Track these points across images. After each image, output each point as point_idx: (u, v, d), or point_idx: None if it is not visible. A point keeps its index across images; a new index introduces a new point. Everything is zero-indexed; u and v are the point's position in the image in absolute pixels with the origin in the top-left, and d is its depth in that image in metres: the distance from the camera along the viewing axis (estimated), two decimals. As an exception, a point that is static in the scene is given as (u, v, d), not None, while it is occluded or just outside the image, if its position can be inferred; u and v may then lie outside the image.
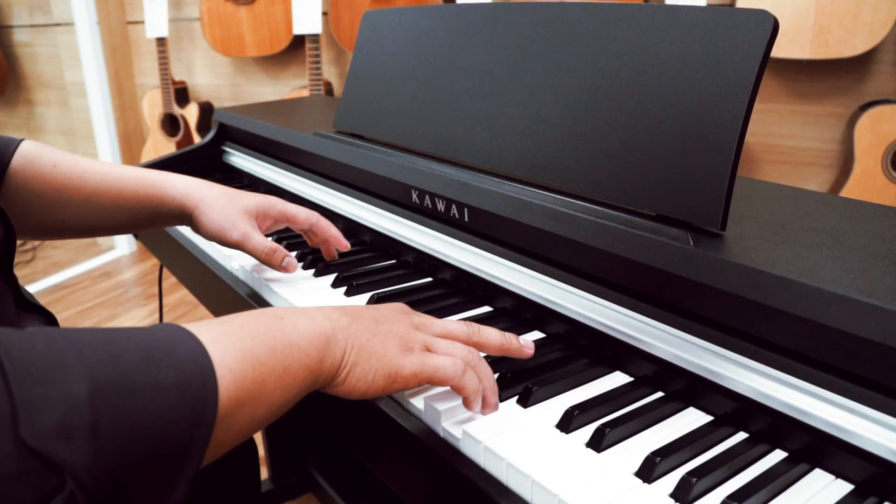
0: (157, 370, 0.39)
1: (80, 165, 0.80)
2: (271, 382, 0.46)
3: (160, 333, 0.42)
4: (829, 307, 0.47)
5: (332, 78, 2.63)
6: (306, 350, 0.49)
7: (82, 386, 0.35)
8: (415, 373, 0.53)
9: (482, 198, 0.75)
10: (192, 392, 0.40)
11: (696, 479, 0.46)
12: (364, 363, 0.52)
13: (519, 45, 0.77)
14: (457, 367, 0.53)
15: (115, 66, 3.08)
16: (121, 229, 0.85)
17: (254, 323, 0.48)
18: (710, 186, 0.58)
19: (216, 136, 1.36)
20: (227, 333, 0.45)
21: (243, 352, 0.45)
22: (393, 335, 0.54)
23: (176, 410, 0.39)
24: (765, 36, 0.57)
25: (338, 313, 0.54)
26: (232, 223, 0.78)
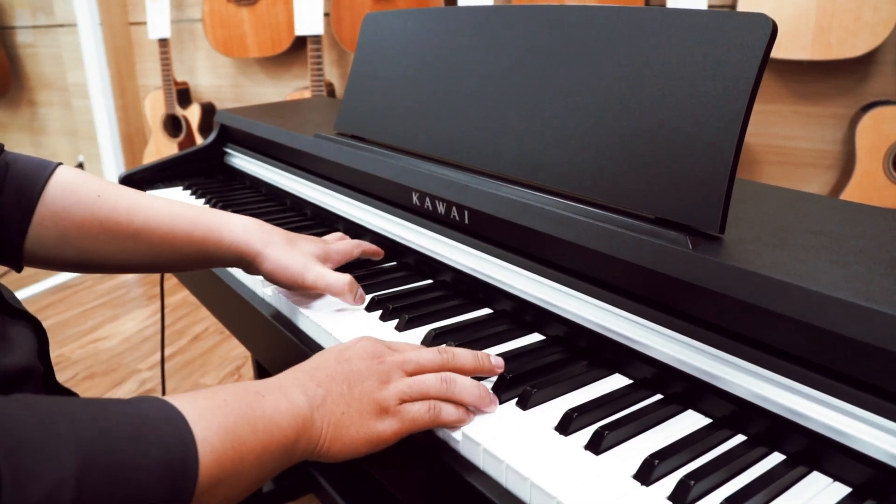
0: (143, 447, 0.40)
1: (125, 198, 0.75)
2: (249, 461, 0.47)
3: (147, 408, 0.44)
4: (827, 311, 0.48)
5: (333, 79, 2.64)
6: (285, 430, 0.50)
7: (70, 460, 0.36)
8: (395, 432, 0.55)
9: (482, 200, 0.75)
10: (173, 470, 0.41)
11: (693, 482, 0.47)
12: (343, 437, 0.53)
13: (519, 47, 0.77)
14: (433, 412, 0.55)
15: (118, 67, 3.09)
16: (168, 268, 0.80)
17: (236, 399, 0.49)
18: (709, 190, 0.58)
19: (218, 138, 1.36)
20: (211, 410, 0.46)
21: (226, 430, 0.46)
22: (367, 400, 0.55)
23: (157, 487, 0.40)
24: (763, 39, 0.57)
25: (313, 384, 0.54)
26: (304, 266, 0.75)
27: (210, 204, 1.15)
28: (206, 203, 1.16)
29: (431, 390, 0.56)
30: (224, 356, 2.23)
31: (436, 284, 0.82)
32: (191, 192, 1.23)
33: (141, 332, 2.40)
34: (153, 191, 1.26)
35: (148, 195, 0.78)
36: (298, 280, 0.74)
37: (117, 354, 2.24)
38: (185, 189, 1.26)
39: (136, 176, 1.28)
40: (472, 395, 0.57)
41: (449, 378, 0.57)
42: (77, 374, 2.11)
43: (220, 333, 2.37)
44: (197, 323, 2.45)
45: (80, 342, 2.33)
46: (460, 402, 0.57)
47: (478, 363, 0.60)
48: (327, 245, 0.80)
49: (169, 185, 1.29)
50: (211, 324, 2.44)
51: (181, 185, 1.28)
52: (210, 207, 0.79)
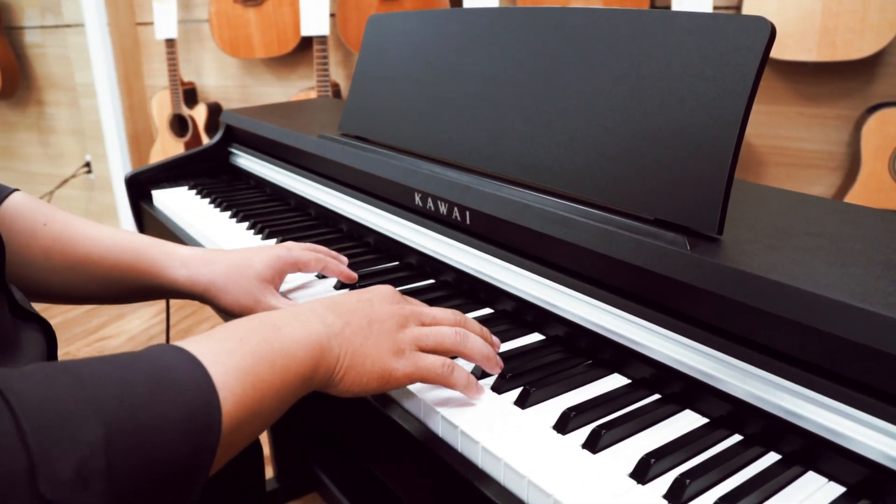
0: (162, 405, 0.40)
1: (71, 227, 0.73)
2: (269, 396, 0.47)
3: (163, 360, 0.43)
4: (823, 312, 0.48)
5: (339, 79, 2.65)
6: (302, 360, 0.50)
7: (96, 430, 0.36)
8: (407, 374, 0.55)
9: (483, 201, 0.76)
10: (196, 424, 0.41)
11: (689, 481, 0.47)
12: (358, 367, 0.53)
13: (522, 49, 0.78)
14: (445, 368, 0.56)
15: (125, 67, 3.11)
16: (110, 300, 0.78)
17: (252, 335, 0.49)
18: (708, 191, 0.59)
19: (223, 138, 1.37)
20: (227, 352, 0.46)
21: (244, 371, 0.45)
22: (385, 337, 0.55)
23: (182, 442, 0.40)
24: (762, 42, 0.57)
25: (332, 315, 0.55)
26: (254, 300, 0.72)
27: (215, 204, 1.16)
28: (211, 203, 1.17)
29: (446, 340, 0.58)
30: (229, 355, 2.24)
31: (437, 284, 0.83)
32: (196, 192, 1.24)
33: (146, 330, 2.42)
34: (158, 190, 1.27)
35: (98, 226, 0.76)
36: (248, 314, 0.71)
37: (123, 353, 2.25)
38: (190, 189, 1.27)
39: (141, 176, 1.29)
40: (481, 351, 0.59)
41: (463, 332, 0.59)
42: (83, 373, 2.12)
43: (225, 332, 2.37)
44: (202, 322, 2.47)
45: (85, 341, 2.34)
46: (470, 356, 0.59)
47: (483, 333, 0.63)
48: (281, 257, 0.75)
49: (174, 185, 1.29)
50: (216, 323, 2.45)
51: (186, 185, 1.29)
52: (157, 240, 0.77)
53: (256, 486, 0.98)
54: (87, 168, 3.43)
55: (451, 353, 0.59)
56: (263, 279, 0.73)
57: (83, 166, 3.45)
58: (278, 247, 0.78)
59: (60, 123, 3.51)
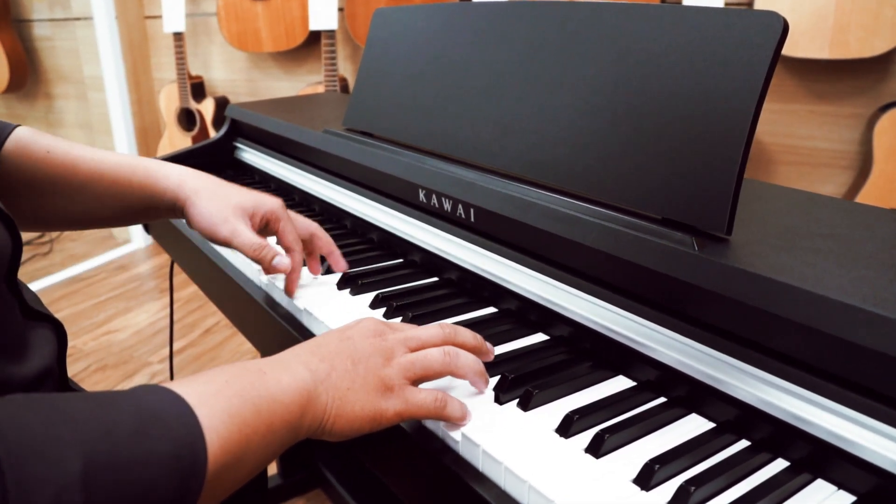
0: (149, 441, 0.39)
1: (73, 152, 0.77)
2: (255, 442, 0.46)
3: (150, 399, 0.42)
4: (833, 316, 0.47)
5: (347, 74, 2.64)
6: (289, 406, 0.49)
7: (76, 463, 0.35)
8: (398, 413, 0.53)
9: (488, 198, 0.74)
10: (182, 462, 0.40)
11: (694, 488, 0.46)
12: (347, 413, 0.52)
13: (528, 44, 0.77)
14: (438, 403, 0.54)
15: (133, 61, 3.11)
16: (116, 220, 0.82)
17: (238, 380, 0.48)
18: (717, 190, 0.57)
19: (228, 132, 1.36)
20: (213, 394, 0.45)
21: (230, 414, 0.45)
22: (371, 376, 0.54)
23: (167, 481, 0.39)
24: (774, 38, 0.56)
25: (316, 360, 0.53)
26: (223, 218, 0.75)
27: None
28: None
29: (435, 364, 0.56)
30: (235, 350, 2.23)
31: (441, 282, 0.82)
32: (200, 187, 1.23)
33: (153, 324, 2.42)
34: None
35: (95, 150, 0.80)
36: (213, 230, 0.75)
37: (129, 347, 2.26)
38: (195, 183, 1.26)
39: (146, 170, 1.28)
40: (473, 369, 0.57)
41: (452, 351, 0.57)
42: (89, 367, 2.13)
43: (230, 327, 2.38)
44: (209, 317, 2.46)
45: (92, 334, 2.34)
46: (462, 376, 0.57)
47: (477, 342, 0.60)
48: (263, 199, 0.79)
49: (179, 180, 1.29)
50: (222, 318, 2.45)
51: (191, 180, 1.28)
52: (154, 159, 0.82)
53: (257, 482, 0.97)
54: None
55: (442, 375, 0.57)
56: (240, 208, 0.77)
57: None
58: (274, 198, 0.81)
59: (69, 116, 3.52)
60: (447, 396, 0.55)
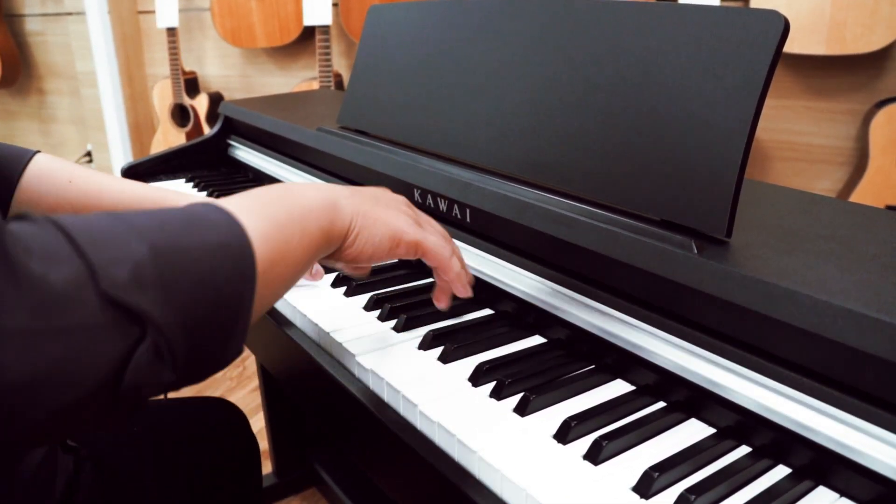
0: (199, 233, 0.43)
1: (94, 180, 0.78)
2: (293, 243, 0.51)
3: (194, 207, 0.46)
4: (836, 321, 0.46)
5: (342, 70, 2.62)
6: (318, 213, 0.54)
7: (143, 246, 0.39)
8: (416, 240, 0.60)
9: (484, 199, 0.73)
10: (232, 250, 0.43)
11: (694, 497, 0.45)
12: (371, 227, 0.58)
13: (525, 42, 0.76)
14: (448, 249, 0.62)
15: (126, 56, 3.08)
16: None
17: (268, 194, 0.53)
18: (716, 192, 0.56)
19: (221, 130, 1.35)
20: (248, 205, 0.49)
21: (267, 217, 0.49)
22: (394, 207, 0.61)
23: (223, 265, 0.42)
24: (775, 37, 0.55)
25: (339, 187, 0.60)
26: None
27: (212, 197, 1.14)
28: (208, 196, 1.15)
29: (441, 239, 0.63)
30: (229, 348, 2.22)
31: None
32: (193, 185, 1.22)
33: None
34: (156, 183, 1.25)
35: (118, 179, 0.80)
36: None
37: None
38: (188, 181, 1.25)
39: (139, 167, 1.27)
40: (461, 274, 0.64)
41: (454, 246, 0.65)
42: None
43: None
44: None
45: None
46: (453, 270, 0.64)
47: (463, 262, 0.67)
48: None
49: (172, 177, 1.28)
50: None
51: (184, 178, 1.27)
52: (175, 190, 0.82)
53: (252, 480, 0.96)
54: (89, 157, 3.42)
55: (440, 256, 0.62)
56: None
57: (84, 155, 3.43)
58: None
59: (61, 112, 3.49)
60: (457, 250, 0.64)
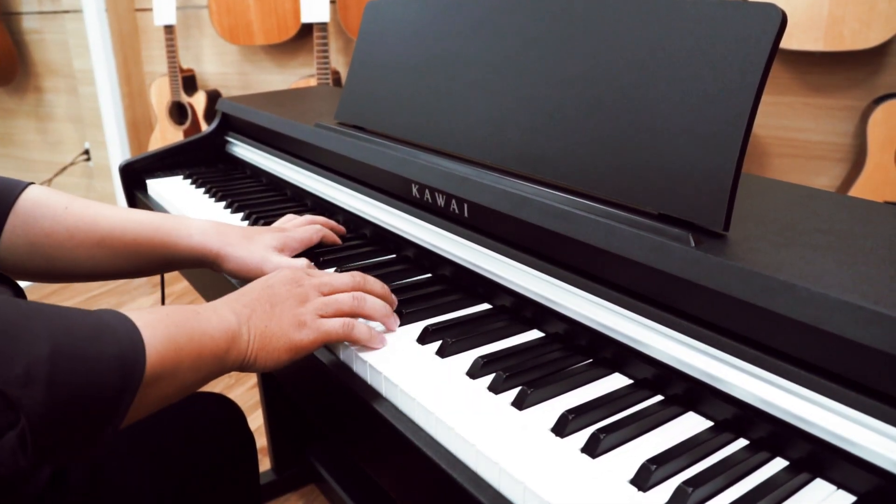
0: (101, 345, 0.48)
1: (91, 208, 0.80)
2: (186, 363, 0.55)
3: (106, 317, 0.52)
4: (833, 314, 0.46)
5: (340, 67, 2.62)
6: (217, 341, 0.59)
7: (45, 346, 0.44)
8: (311, 340, 0.63)
9: (482, 193, 0.73)
10: (125, 364, 0.49)
11: (692, 488, 0.45)
12: (267, 346, 0.62)
13: (522, 37, 0.76)
14: (345, 327, 0.64)
15: (124, 54, 3.08)
16: (134, 274, 0.84)
17: (176, 315, 0.57)
18: (714, 185, 0.56)
19: (219, 127, 1.34)
20: (156, 321, 0.54)
21: (167, 337, 0.54)
22: (287, 315, 0.63)
23: (112, 375, 0.48)
24: (772, 31, 0.55)
25: (240, 305, 0.63)
26: (263, 258, 0.79)
27: (210, 193, 1.14)
28: (206, 193, 1.15)
29: (344, 305, 0.66)
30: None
31: (435, 278, 0.81)
32: (191, 182, 1.22)
33: (145, 319, 2.40)
34: (153, 179, 1.25)
35: (115, 206, 0.82)
36: (258, 273, 0.78)
37: (121, 342, 2.24)
38: (186, 178, 1.24)
39: (136, 164, 1.27)
40: (380, 311, 0.67)
41: (360, 296, 0.67)
42: (81, 362, 2.11)
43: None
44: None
45: (84, 329, 2.33)
46: (370, 316, 0.67)
47: (384, 291, 0.70)
48: (286, 233, 0.84)
49: (170, 174, 1.27)
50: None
51: (181, 174, 1.27)
52: (171, 214, 0.84)
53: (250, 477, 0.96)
54: (86, 155, 3.41)
55: (351, 315, 0.65)
56: (271, 247, 0.82)
57: (82, 154, 3.43)
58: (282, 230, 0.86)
59: (59, 110, 3.49)
60: (354, 321, 0.64)
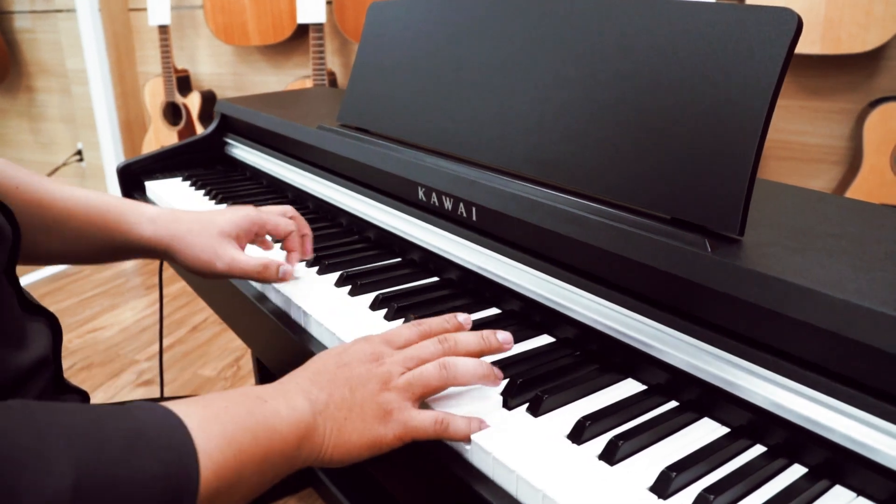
0: (139, 460, 0.38)
1: (44, 188, 0.74)
2: (249, 470, 0.46)
3: (145, 419, 0.42)
4: (854, 320, 0.46)
5: (335, 68, 2.61)
6: (286, 437, 0.49)
7: (67, 476, 0.35)
8: (398, 437, 0.53)
9: (491, 197, 0.73)
10: (171, 484, 0.39)
11: (713, 497, 0.45)
12: (345, 442, 0.52)
13: (530, 38, 0.75)
14: (439, 426, 0.53)
15: (117, 54, 3.06)
16: (95, 258, 0.79)
17: (237, 407, 0.47)
18: (729, 190, 0.56)
19: (218, 128, 1.34)
20: (211, 418, 0.45)
21: (226, 439, 0.44)
22: (369, 403, 0.53)
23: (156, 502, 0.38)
24: (788, 35, 0.55)
25: (315, 389, 0.53)
26: (214, 253, 0.73)
27: (210, 195, 1.13)
28: (206, 195, 1.14)
29: (433, 380, 0.55)
30: (224, 347, 2.21)
31: (442, 282, 0.80)
32: (190, 184, 1.21)
33: (139, 321, 2.38)
34: (152, 182, 1.24)
35: (69, 187, 0.76)
36: (211, 270, 0.72)
37: (115, 345, 2.23)
38: (185, 180, 1.24)
39: (134, 166, 1.26)
40: (474, 375, 0.56)
41: (449, 363, 0.55)
42: (74, 365, 2.10)
43: (219, 324, 2.35)
44: (196, 313, 2.44)
45: (77, 332, 2.31)
46: (465, 383, 0.56)
47: (483, 344, 0.59)
48: (244, 212, 0.77)
49: (168, 176, 1.26)
50: (210, 314, 2.42)
51: (180, 176, 1.26)
52: (127, 199, 0.79)
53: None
54: (79, 156, 3.39)
55: (442, 390, 0.56)
56: (226, 234, 0.74)
57: (74, 154, 3.41)
58: (248, 207, 0.79)
59: (51, 110, 3.46)
60: (449, 417, 0.53)
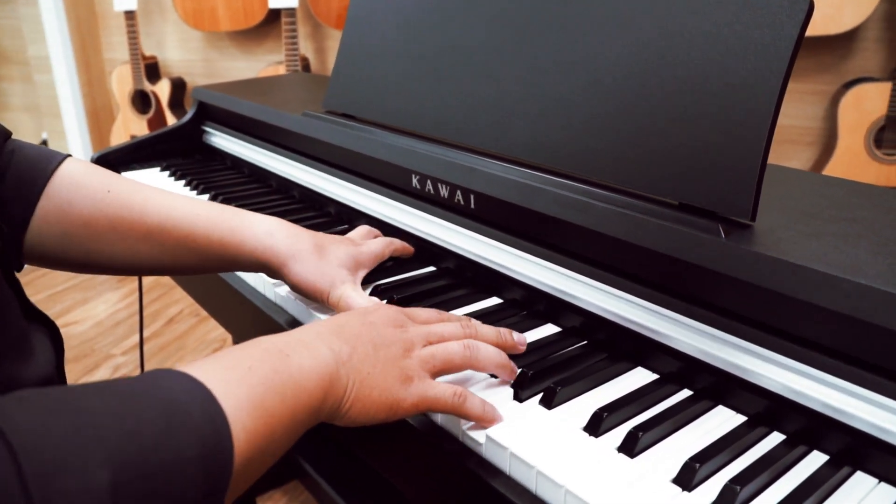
0: (175, 443, 0.36)
1: (140, 194, 0.69)
2: (279, 432, 0.44)
3: (173, 389, 0.39)
4: (877, 305, 0.45)
5: (309, 53, 2.57)
6: (312, 391, 0.47)
7: (103, 475, 0.32)
8: (414, 404, 0.52)
9: (490, 184, 0.71)
10: (208, 463, 0.38)
11: (739, 487, 0.44)
12: (365, 398, 0.50)
13: (528, 16, 0.73)
14: (456, 399, 0.52)
15: (82, 40, 2.97)
16: (183, 271, 0.73)
17: (261, 365, 0.45)
18: (740, 174, 0.55)
19: (196, 116, 1.30)
20: (237, 381, 0.42)
21: (254, 405, 0.42)
22: (392, 364, 0.52)
23: (195, 484, 0.37)
24: (800, 17, 0.54)
25: (339, 341, 0.51)
26: (330, 283, 0.69)
27: (191, 186, 1.10)
28: (187, 185, 1.11)
29: (455, 357, 0.55)
30: (201, 339, 2.17)
31: (439, 272, 0.79)
32: (170, 174, 1.18)
33: (113, 315, 2.34)
34: (129, 172, 1.20)
35: (166, 192, 0.71)
36: (321, 297, 0.69)
37: (89, 339, 2.18)
38: (163, 170, 1.20)
39: (110, 156, 1.22)
40: (495, 362, 0.56)
41: (472, 345, 0.56)
42: (48, 360, 2.05)
43: (195, 315, 2.31)
44: (171, 305, 2.39)
45: (49, 326, 2.25)
46: (484, 368, 0.56)
47: (500, 338, 0.59)
48: (358, 248, 0.74)
49: (145, 166, 1.23)
50: (186, 306, 2.38)
51: (158, 166, 1.22)
52: (228, 206, 0.73)
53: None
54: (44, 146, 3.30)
55: (462, 369, 0.56)
56: (344, 267, 0.71)
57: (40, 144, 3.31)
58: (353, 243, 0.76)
59: (14, 99, 3.36)
60: (466, 392, 0.53)
